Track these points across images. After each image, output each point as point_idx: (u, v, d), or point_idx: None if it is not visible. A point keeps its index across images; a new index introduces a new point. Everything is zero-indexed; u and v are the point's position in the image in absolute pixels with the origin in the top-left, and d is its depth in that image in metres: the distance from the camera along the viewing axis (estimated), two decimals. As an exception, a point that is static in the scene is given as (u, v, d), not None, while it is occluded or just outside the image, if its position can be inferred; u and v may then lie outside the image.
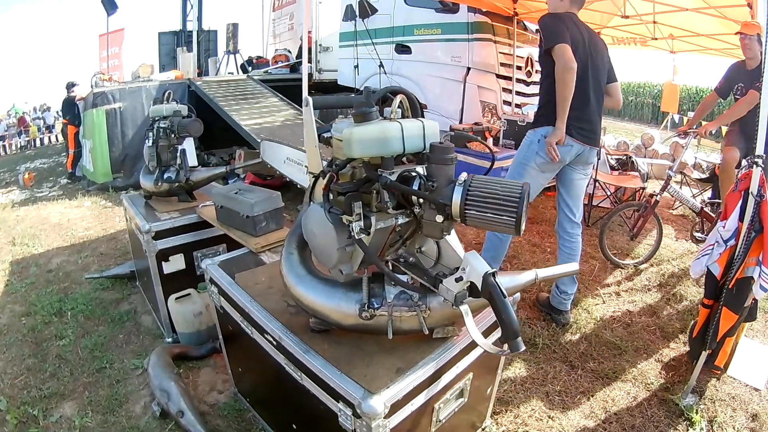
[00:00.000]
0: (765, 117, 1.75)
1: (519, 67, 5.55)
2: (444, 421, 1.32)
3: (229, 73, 8.62)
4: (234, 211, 2.03)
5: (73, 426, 1.89)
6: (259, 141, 4.87)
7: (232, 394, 2.03)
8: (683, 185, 4.68)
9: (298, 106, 6.04)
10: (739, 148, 3.30)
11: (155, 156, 2.53)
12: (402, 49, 5.87)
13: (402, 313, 1.08)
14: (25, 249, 3.92)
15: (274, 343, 1.33)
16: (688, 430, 1.94)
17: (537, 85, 2.82)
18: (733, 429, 1.96)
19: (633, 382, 2.21)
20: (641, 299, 3.06)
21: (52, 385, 2.13)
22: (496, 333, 1.48)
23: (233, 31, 8.60)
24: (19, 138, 12.51)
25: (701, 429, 1.95)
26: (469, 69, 5.34)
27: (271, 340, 1.35)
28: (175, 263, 2.42)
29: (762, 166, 1.83)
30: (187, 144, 2.67)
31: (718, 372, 2.23)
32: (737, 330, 2.12)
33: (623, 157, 5.44)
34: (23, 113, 14.51)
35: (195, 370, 2.24)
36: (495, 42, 5.20)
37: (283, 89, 6.42)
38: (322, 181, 1.06)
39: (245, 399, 1.93)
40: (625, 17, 3.91)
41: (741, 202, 2.01)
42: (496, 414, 1.95)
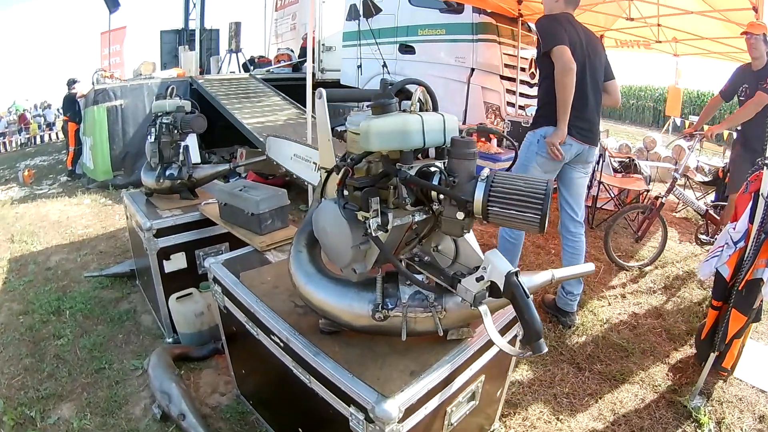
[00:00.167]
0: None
1: (523, 69, 5.54)
2: (455, 424, 1.29)
3: (230, 72, 8.59)
4: (238, 209, 1.99)
5: (71, 428, 1.85)
6: (261, 140, 4.88)
7: (234, 397, 1.99)
8: (686, 188, 4.66)
9: (300, 105, 6.01)
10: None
11: (157, 152, 2.49)
12: (406, 49, 5.84)
13: (417, 314, 1.04)
14: (23, 246, 3.89)
15: (281, 344, 1.29)
16: (696, 431, 1.94)
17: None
18: (741, 431, 1.96)
19: (640, 384, 2.21)
20: (647, 301, 3.06)
21: (50, 386, 2.09)
22: (508, 335, 1.45)
23: (236, 29, 8.56)
24: (20, 135, 12.44)
25: (709, 431, 1.94)
26: (473, 70, 5.31)
27: (277, 341, 1.31)
28: (177, 262, 2.38)
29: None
30: (190, 140, 2.64)
31: (725, 374, 2.22)
32: (745, 332, 2.11)
33: (626, 159, 5.43)
34: (24, 110, 14.45)
35: (196, 371, 2.20)
36: (499, 43, 5.19)
37: (286, 89, 6.38)
38: (336, 177, 1.03)
39: (248, 401, 1.90)
40: (630, 19, 3.89)
41: (751, 204, 2.00)
42: (504, 417, 1.93)
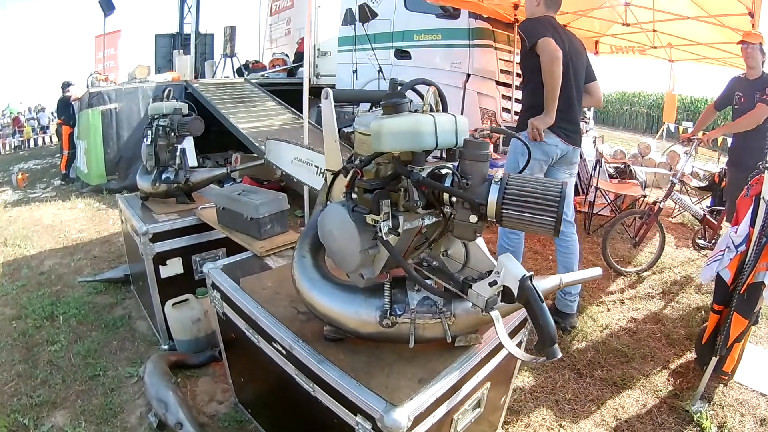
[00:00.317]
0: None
1: (519, 74, 5.55)
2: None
3: (225, 77, 8.56)
4: (237, 213, 1.96)
5: (65, 437, 1.81)
6: (256, 144, 4.86)
7: (232, 405, 1.96)
8: (682, 193, 4.69)
9: (295, 110, 5.99)
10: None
11: (153, 155, 2.45)
12: (401, 54, 5.84)
13: (426, 320, 1.02)
14: (17, 250, 3.84)
15: (284, 352, 1.26)
16: (698, 436, 1.93)
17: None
18: None
19: (642, 389, 2.21)
20: (645, 306, 3.06)
21: (43, 393, 2.04)
22: (514, 340, 1.43)
23: (231, 34, 8.53)
24: (13, 138, 12.34)
25: (711, 435, 1.94)
26: (469, 75, 5.32)
27: (280, 349, 1.28)
28: (173, 267, 2.35)
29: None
30: (187, 143, 2.60)
31: (726, 378, 2.22)
32: (745, 335, 2.11)
33: (621, 165, 5.47)
34: (18, 113, 14.33)
35: (193, 379, 2.16)
36: (495, 48, 5.20)
37: (281, 93, 6.36)
38: (343, 179, 1.00)
39: (247, 410, 1.86)
40: (626, 25, 3.91)
41: (752, 207, 2.00)
42: (507, 424, 1.92)
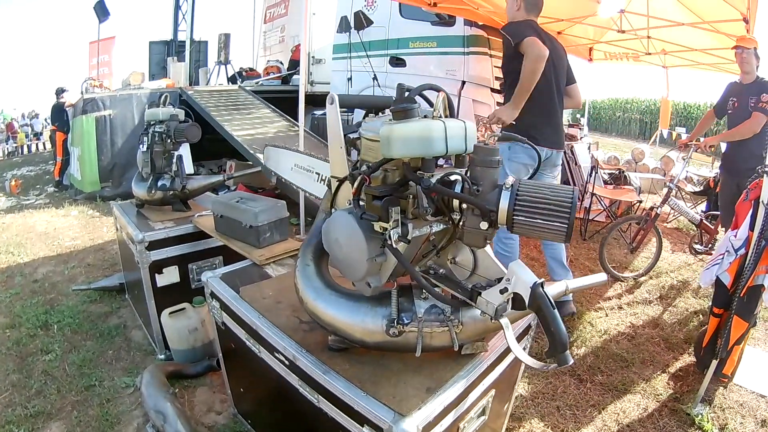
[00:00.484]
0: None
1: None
2: (466, 441, 1.24)
3: (219, 84, 8.54)
4: (236, 221, 1.93)
5: (60, 450, 1.76)
6: (251, 152, 4.83)
7: (231, 415, 1.92)
8: (677, 198, 4.72)
9: (290, 117, 5.98)
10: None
11: (149, 162, 2.42)
12: (396, 61, 5.84)
13: (433, 328, 1.00)
14: (10, 257, 3.78)
15: (287, 362, 1.24)
16: (701, 438, 1.94)
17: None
18: None
19: (642, 393, 2.22)
20: (643, 311, 3.07)
21: (38, 403, 2.00)
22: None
23: (225, 41, 8.52)
24: (7, 144, 12.21)
25: (713, 437, 1.95)
26: (464, 83, 5.31)
27: (282, 359, 1.25)
28: (169, 276, 2.31)
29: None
30: (184, 150, 2.57)
31: (726, 380, 2.23)
32: (745, 338, 2.12)
33: (616, 171, 5.51)
34: (11, 119, 14.19)
35: (190, 389, 2.12)
36: (491, 56, 5.22)
37: (275, 101, 6.34)
38: (349, 186, 0.99)
39: (246, 420, 1.82)
40: (621, 32, 3.95)
41: (752, 211, 2.02)
42: (509, 431, 1.90)
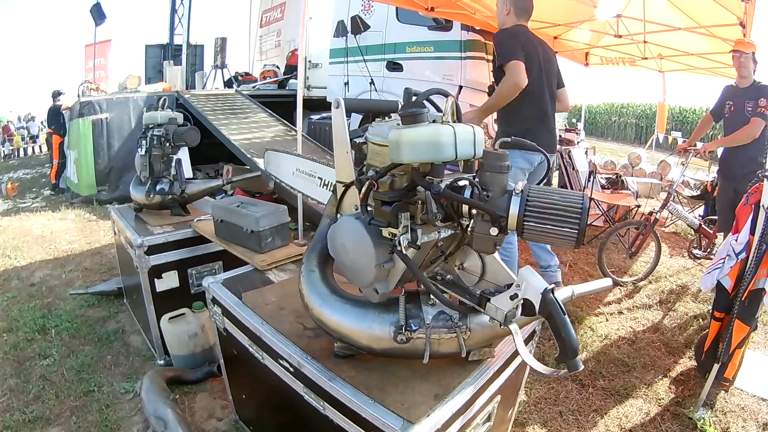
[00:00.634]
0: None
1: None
2: (472, 447, 1.23)
3: (215, 88, 8.52)
4: (236, 226, 1.92)
5: (59, 456, 1.74)
6: (248, 156, 4.81)
7: (232, 422, 1.90)
8: (675, 203, 4.74)
9: (287, 122, 5.97)
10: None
11: (148, 166, 2.40)
12: (393, 66, 5.84)
13: (441, 335, 0.99)
14: (6, 261, 3.74)
15: (291, 369, 1.22)
16: (703, 442, 1.95)
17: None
18: None
19: (644, 398, 2.22)
20: (643, 316, 3.07)
21: (36, 409, 1.97)
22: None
23: (221, 45, 8.51)
24: (2, 147, 12.12)
25: (715, 441, 1.95)
26: (461, 87, 5.32)
27: (287, 366, 1.24)
28: (169, 280, 2.29)
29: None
30: (182, 154, 2.56)
31: (727, 384, 2.24)
32: (746, 341, 2.13)
33: (613, 176, 5.53)
34: (7, 122, 14.10)
35: (190, 395, 2.10)
36: (487, 61, 5.24)
37: (272, 105, 6.33)
38: (355, 191, 0.98)
39: (248, 427, 1.80)
40: (618, 36, 3.97)
41: (752, 216, 2.03)
42: (513, 437, 1.88)
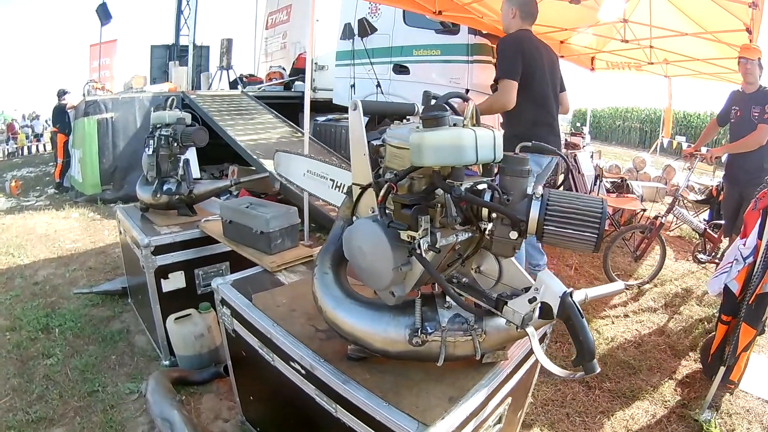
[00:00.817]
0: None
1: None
2: (482, 449, 1.23)
3: (220, 89, 8.54)
4: (246, 227, 1.91)
5: (64, 457, 1.74)
6: (254, 157, 4.81)
7: (239, 423, 1.90)
8: (680, 207, 4.74)
9: (293, 123, 5.98)
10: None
11: (155, 165, 2.40)
12: (400, 69, 5.84)
13: (457, 338, 0.99)
14: (10, 259, 3.74)
15: (303, 372, 1.22)
16: (708, 444, 1.96)
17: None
18: None
19: (650, 400, 2.23)
20: (649, 319, 3.08)
21: (39, 409, 1.97)
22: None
23: (227, 46, 8.54)
24: (7, 145, 12.15)
25: (720, 443, 1.96)
26: (467, 91, 5.33)
27: (299, 368, 1.23)
28: (175, 281, 2.29)
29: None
30: (190, 154, 2.56)
31: (733, 386, 2.24)
32: (752, 345, 2.14)
33: (618, 180, 5.53)
34: (12, 120, 14.14)
35: (196, 396, 2.10)
36: (494, 65, 5.23)
37: (278, 107, 6.35)
38: (372, 193, 0.98)
39: (255, 428, 1.79)
40: (625, 41, 3.97)
41: (760, 220, 2.03)
42: (520, 439, 1.88)
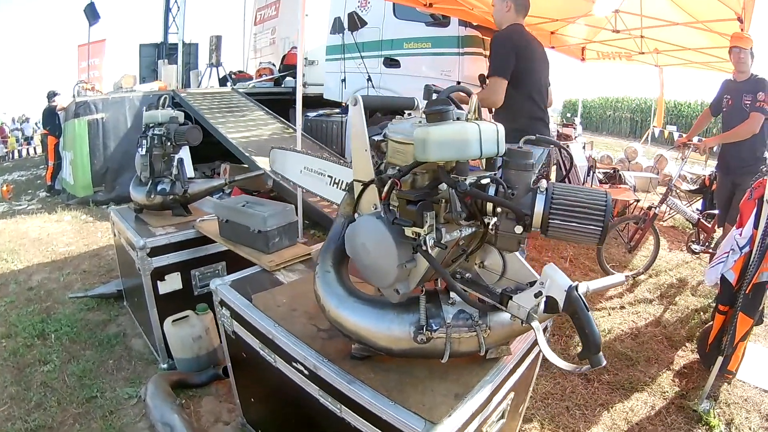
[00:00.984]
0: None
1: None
2: (487, 444, 1.23)
3: (210, 87, 8.46)
4: (242, 226, 1.88)
5: (64, 465, 1.71)
6: (246, 154, 4.77)
7: (240, 425, 1.88)
8: (673, 197, 4.77)
9: (284, 119, 5.94)
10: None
11: (148, 166, 2.37)
12: (390, 62, 5.81)
13: (461, 333, 0.99)
14: (3, 264, 3.69)
15: (306, 372, 1.21)
16: (708, 433, 1.99)
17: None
18: (750, 430, 2.03)
19: (649, 391, 2.25)
20: (644, 310, 3.10)
21: (38, 417, 1.94)
22: (535, 350, 1.41)
23: (216, 43, 8.45)
24: (-3, 148, 11.93)
25: (720, 432, 1.99)
26: (458, 83, 5.34)
27: (302, 369, 1.22)
28: (172, 283, 2.26)
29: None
30: (184, 153, 2.53)
31: (730, 376, 2.27)
32: (749, 334, 2.16)
33: (610, 170, 5.56)
34: (1, 123, 13.91)
35: (196, 398, 2.08)
36: (485, 56, 5.23)
37: (268, 103, 6.29)
38: (375, 190, 0.97)
39: (256, 431, 1.78)
40: (616, 31, 3.98)
41: (756, 210, 2.04)
42: (522, 432, 1.89)
